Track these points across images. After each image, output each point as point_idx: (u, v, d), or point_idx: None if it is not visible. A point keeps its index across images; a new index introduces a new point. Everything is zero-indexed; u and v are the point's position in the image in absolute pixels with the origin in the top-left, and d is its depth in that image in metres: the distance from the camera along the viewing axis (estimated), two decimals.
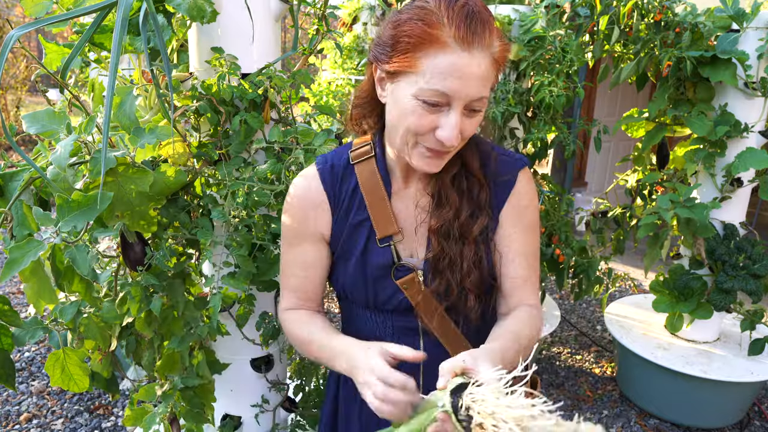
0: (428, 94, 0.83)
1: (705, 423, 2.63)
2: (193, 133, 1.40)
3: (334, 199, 1.03)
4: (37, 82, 1.47)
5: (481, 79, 0.83)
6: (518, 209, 1.02)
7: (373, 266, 1.02)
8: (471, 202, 1.00)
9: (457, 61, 0.81)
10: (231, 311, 1.55)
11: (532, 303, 1.03)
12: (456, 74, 0.82)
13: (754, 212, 4.02)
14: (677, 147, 2.66)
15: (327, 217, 1.04)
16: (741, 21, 2.22)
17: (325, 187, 1.03)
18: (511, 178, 1.02)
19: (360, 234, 1.03)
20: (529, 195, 1.04)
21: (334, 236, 1.05)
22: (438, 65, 0.82)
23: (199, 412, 1.50)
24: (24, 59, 7.47)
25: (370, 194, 1.01)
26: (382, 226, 1.01)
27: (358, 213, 1.02)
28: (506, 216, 1.02)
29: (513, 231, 1.02)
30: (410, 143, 0.91)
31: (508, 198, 1.02)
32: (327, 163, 1.05)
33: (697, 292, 2.48)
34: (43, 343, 3.19)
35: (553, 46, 2.17)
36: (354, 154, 1.04)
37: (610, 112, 5.48)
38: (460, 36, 0.81)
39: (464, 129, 0.88)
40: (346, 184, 1.03)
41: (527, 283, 1.03)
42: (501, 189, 1.02)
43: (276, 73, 1.40)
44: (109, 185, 1.21)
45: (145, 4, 1.11)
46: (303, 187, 1.05)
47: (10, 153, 6.75)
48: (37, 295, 1.27)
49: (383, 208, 1.01)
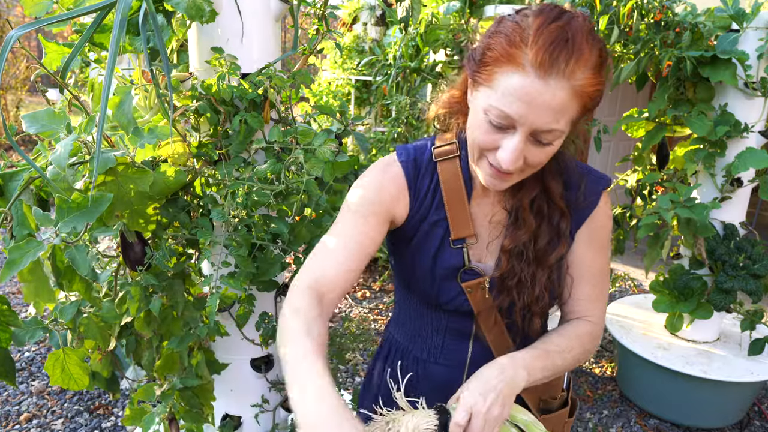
0: (495, 114, 0.81)
1: (705, 423, 2.63)
2: (193, 133, 1.40)
3: (414, 193, 1.00)
4: (37, 82, 1.47)
5: (552, 110, 0.78)
6: (595, 230, 1.01)
7: (442, 266, 1.01)
8: (550, 229, 0.97)
9: (529, 87, 0.77)
10: (231, 311, 1.55)
11: (595, 320, 1.02)
12: (525, 99, 0.78)
13: (754, 212, 4.01)
14: (677, 147, 2.66)
15: (405, 205, 1.00)
16: (741, 21, 2.22)
17: (407, 179, 1.00)
18: (594, 199, 1.00)
19: (435, 233, 1.00)
20: (606, 215, 1.02)
21: (408, 229, 1.02)
22: (509, 86, 0.78)
23: (198, 412, 1.50)
24: (24, 59, 7.48)
25: (451, 194, 0.99)
26: (458, 228, 0.99)
27: (437, 211, 1.00)
28: (582, 236, 1.00)
29: (586, 251, 1.01)
30: (476, 155, 0.89)
31: (587, 220, 1.00)
32: (410, 156, 1.01)
33: (697, 292, 2.47)
34: (43, 343, 3.19)
35: None
36: (437, 151, 1.01)
37: (610, 112, 5.48)
38: (538, 61, 0.76)
39: (529, 157, 0.84)
40: (427, 180, 1.00)
41: (593, 302, 1.02)
42: (582, 211, 1.00)
43: (276, 73, 1.40)
44: (109, 185, 1.21)
45: (145, 4, 1.11)
46: (385, 172, 1.01)
47: (10, 153, 6.75)
48: (34, 294, 1.27)
49: (462, 210, 0.99)
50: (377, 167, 1.01)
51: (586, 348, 1.00)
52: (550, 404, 1.10)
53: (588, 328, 1.01)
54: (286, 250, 1.45)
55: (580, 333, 1.00)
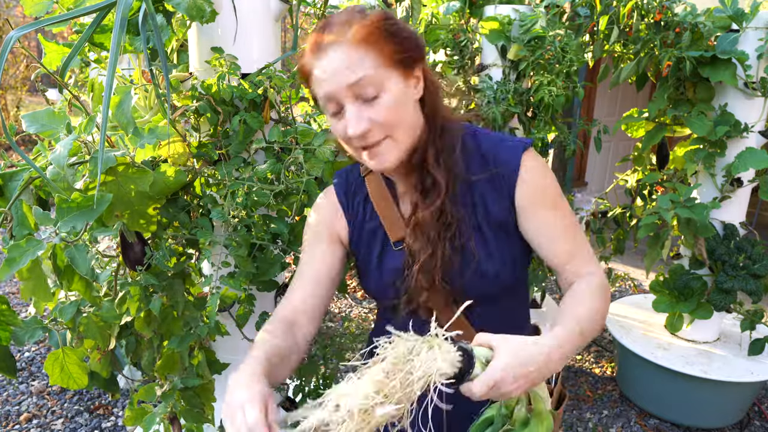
0: (324, 106, 0.94)
1: (705, 423, 2.63)
2: (192, 133, 1.40)
3: (348, 210, 1.10)
4: (37, 82, 1.47)
5: (345, 67, 0.89)
6: (532, 189, 1.01)
7: (388, 267, 1.05)
8: (431, 194, 1.00)
9: (319, 69, 0.91)
10: (231, 311, 1.55)
11: (591, 271, 1.01)
12: (323, 77, 0.90)
13: (754, 212, 4.02)
14: (677, 147, 2.65)
15: (344, 224, 1.10)
16: (740, 21, 2.22)
17: (339, 198, 1.11)
18: (516, 162, 1.01)
19: (375, 239, 1.08)
20: (538, 172, 1.02)
21: (354, 243, 1.10)
22: (311, 83, 0.94)
23: (199, 411, 1.50)
24: (24, 59, 7.48)
25: (379, 201, 1.07)
26: (393, 230, 1.05)
27: (371, 220, 1.08)
28: (522, 201, 1.00)
29: (537, 212, 1.01)
30: (355, 153, 0.98)
31: (517, 184, 1.00)
32: (342, 177, 1.13)
33: (697, 292, 2.47)
34: (43, 343, 3.19)
35: (552, 46, 2.17)
36: (364, 167, 1.10)
37: (610, 112, 5.48)
38: (312, 54, 0.92)
39: (373, 116, 0.91)
40: (359, 195, 1.10)
41: (576, 256, 1.01)
42: (508, 177, 1.01)
43: (276, 73, 1.40)
44: (109, 185, 1.21)
45: (145, 4, 1.11)
46: (321, 198, 1.14)
47: (10, 153, 6.75)
48: (31, 291, 1.27)
49: (392, 213, 1.06)
50: (316, 200, 1.15)
51: (605, 299, 0.98)
52: None
53: (594, 280, 0.99)
54: (286, 250, 1.45)
55: (593, 289, 0.97)
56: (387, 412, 0.72)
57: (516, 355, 0.81)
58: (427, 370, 0.74)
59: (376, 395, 0.72)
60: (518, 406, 0.90)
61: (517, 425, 0.91)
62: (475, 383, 0.78)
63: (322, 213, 1.12)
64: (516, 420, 0.91)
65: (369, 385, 0.73)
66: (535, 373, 0.81)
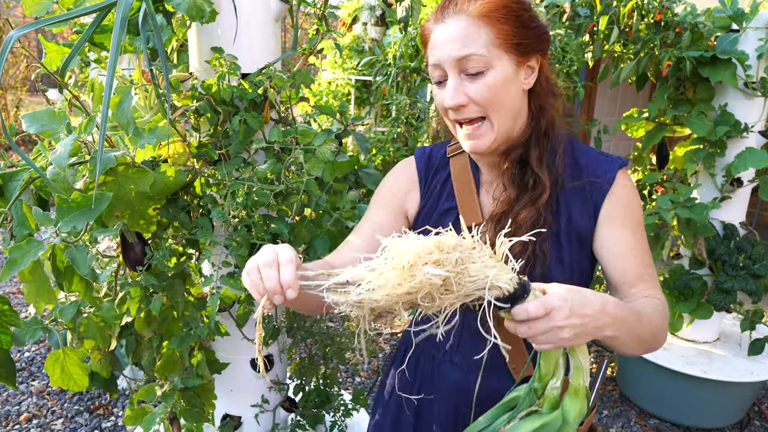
0: (431, 72, 0.96)
1: (705, 423, 2.63)
2: (192, 133, 1.40)
3: (424, 186, 1.10)
4: (37, 82, 1.47)
5: (458, 39, 0.90)
6: (618, 207, 1.00)
7: None
8: (528, 196, 0.98)
9: (434, 34, 0.94)
10: (231, 311, 1.55)
11: (657, 297, 0.98)
12: (436, 44, 0.93)
13: (754, 212, 4.02)
14: (677, 147, 2.65)
15: (416, 199, 1.10)
16: (740, 21, 2.22)
17: (418, 174, 1.11)
18: (610, 177, 1.00)
19: (444, 222, 1.05)
20: (628, 192, 1.01)
21: (421, 220, 1.09)
22: (429, 47, 0.96)
23: (199, 411, 1.50)
24: (24, 59, 7.47)
25: (461, 184, 1.06)
26: (468, 216, 1.04)
27: (447, 201, 1.07)
28: (606, 215, 0.99)
29: (616, 229, 0.99)
30: (451, 126, 0.99)
31: (606, 198, 0.99)
32: (425, 153, 1.13)
33: (697, 292, 2.47)
34: (43, 343, 3.19)
35: (552, 46, 2.17)
36: (451, 148, 1.11)
37: (610, 112, 5.47)
38: (434, 17, 0.94)
39: (470, 93, 0.92)
40: (441, 174, 1.10)
41: (645, 281, 0.98)
42: (597, 190, 1.00)
43: (276, 73, 1.39)
44: (109, 185, 1.21)
45: (145, 4, 1.11)
46: (401, 167, 1.14)
47: (10, 153, 6.75)
48: (35, 295, 1.27)
49: (471, 199, 1.05)
50: (397, 166, 1.15)
51: (665, 320, 0.95)
52: None
53: (659, 303, 0.96)
54: None
55: (655, 305, 0.95)
56: (435, 272, 0.65)
57: (576, 291, 0.76)
58: (483, 275, 0.68)
59: (434, 249, 0.66)
60: (554, 379, 0.82)
61: (545, 406, 0.82)
62: (531, 303, 0.72)
63: (398, 183, 1.11)
64: (546, 399, 0.82)
65: (430, 241, 0.68)
66: (589, 318, 0.75)
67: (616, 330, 0.81)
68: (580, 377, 0.81)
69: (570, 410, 0.81)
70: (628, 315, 0.84)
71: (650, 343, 0.92)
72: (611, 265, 0.99)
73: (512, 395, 0.88)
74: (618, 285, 0.99)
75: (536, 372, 0.83)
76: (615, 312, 0.80)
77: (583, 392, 0.82)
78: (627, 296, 0.98)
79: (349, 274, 0.70)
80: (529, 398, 0.84)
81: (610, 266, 0.99)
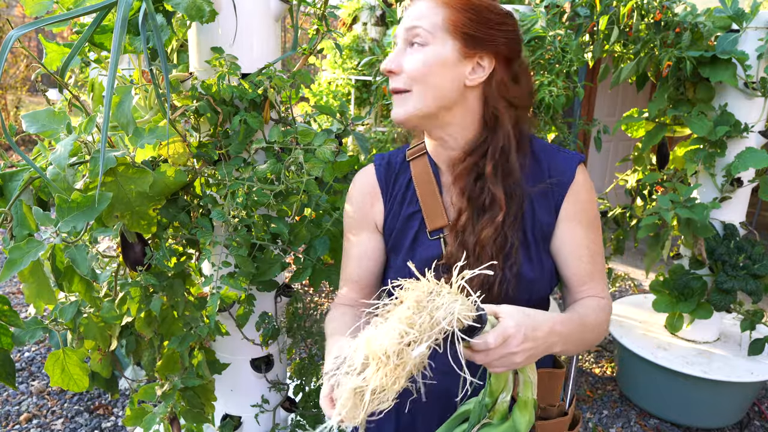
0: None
1: (705, 423, 2.63)
2: (192, 133, 1.40)
3: (386, 194, 1.09)
4: (37, 82, 1.47)
5: (415, 16, 0.95)
6: (578, 204, 1.01)
7: (419, 258, 1.02)
8: (487, 196, 0.99)
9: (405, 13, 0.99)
10: (231, 311, 1.55)
11: (602, 296, 1.01)
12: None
13: (754, 212, 4.02)
14: (677, 147, 2.65)
15: (381, 209, 1.09)
16: (740, 21, 2.22)
17: (379, 181, 1.10)
18: (570, 174, 1.01)
19: (410, 226, 1.06)
20: (588, 190, 1.03)
21: (387, 228, 1.09)
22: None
23: (199, 411, 1.50)
24: (24, 59, 7.47)
25: (423, 187, 1.05)
26: (433, 218, 1.03)
27: (411, 205, 1.06)
28: (566, 212, 1.01)
29: (575, 227, 1.01)
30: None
31: (566, 195, 1.01)
32: (384, 159, 1.12)
33: (697, 292, 2.47)
34: (43, 343, 3.19)
35: (552, 46, 2.17)
36: (410, 151, 1.10)
37: (610, 112, 5.48)
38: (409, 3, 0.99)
39: (404, 62, 0.95)
40: (401, 178, 1.09)
41: (594, 279, 1.01)
42: (558, 187, 1.01)
43: (276, 73, 1.39)
44: (109, 185, 1.21)
45: (145, 4, 1.11)
46: (360, 179, 1.13)
47: (10, 153, 6.75)
48: (36, 295, 1.27)
49: (434, 201, 1.04)
50: (357, 177, 1.13)
51: (607, 318, 0.99)
52: (549, 411, 1.09)
53: (602, 302, 1.00)
54: (286, 250, 1.45)
55: (598, 305, 0.98)
56: (422, 351, 0.69)
57: (527, 315, 0.81)
58: (450, 309, 0.72)
59: (409, 330, 0.70)
60: (503, 393, 0.87)
61: (496, 418, 0.88)
62: (490, 333, 0.76)
63: (363, 198, 1.11)
64: (497, 412, 0.88)
65: (399, 323, 0.70)
66: (540, 341, 0.81)
67: (563, 345, 0.87)
68: (529, 390, 0.87)
69: (521, 422, 0.87)
70: (573, 329, 0.90)
71: (593, 343, 0.97)
72: (565, 263, 1.02)
73: (463, 408, 0.93)
74: (569, 283, 1.03)
75: (487, 388, 0.88)
76: (562, 330, 0.86)
77: (531, 404, 0.87)
78: (576, 293, 1.02)
79: (350, 385, 0.73)
80: (481, 413, 0.89)
81: (564, 264, 1.02)
